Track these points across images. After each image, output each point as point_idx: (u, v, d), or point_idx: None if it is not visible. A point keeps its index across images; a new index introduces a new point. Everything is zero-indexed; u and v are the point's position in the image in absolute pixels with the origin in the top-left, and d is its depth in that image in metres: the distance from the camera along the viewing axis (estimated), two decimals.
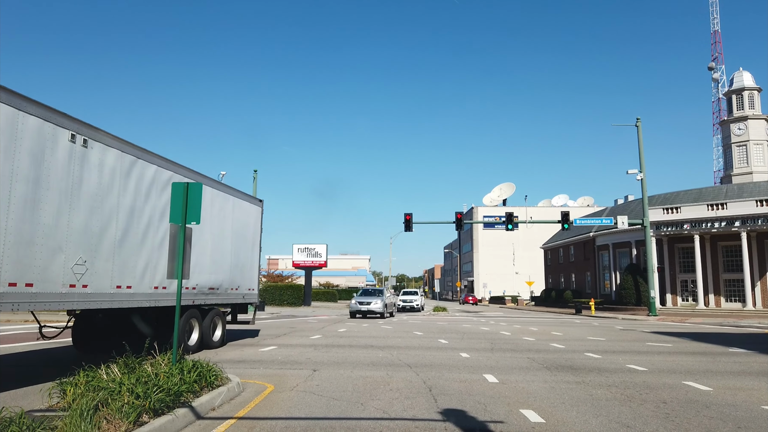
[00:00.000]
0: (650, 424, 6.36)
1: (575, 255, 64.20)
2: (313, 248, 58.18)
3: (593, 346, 15.97)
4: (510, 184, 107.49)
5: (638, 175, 36.92)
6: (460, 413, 6.84)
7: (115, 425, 5.18)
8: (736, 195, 44.22)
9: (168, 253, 8.51)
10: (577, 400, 7.67)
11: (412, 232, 36.31)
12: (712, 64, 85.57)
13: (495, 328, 24.28)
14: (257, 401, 7.47)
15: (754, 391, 8.56)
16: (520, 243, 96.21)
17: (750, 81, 61.71)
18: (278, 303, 53.95)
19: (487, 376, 9.84)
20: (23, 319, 26.60)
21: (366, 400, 7.58)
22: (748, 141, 59.83)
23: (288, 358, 12.33)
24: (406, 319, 32.14)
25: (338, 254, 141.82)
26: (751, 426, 6.34)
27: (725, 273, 44.24)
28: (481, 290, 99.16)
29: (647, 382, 9.38)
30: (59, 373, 8.30)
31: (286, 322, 27.10)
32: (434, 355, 13.34)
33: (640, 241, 46.78)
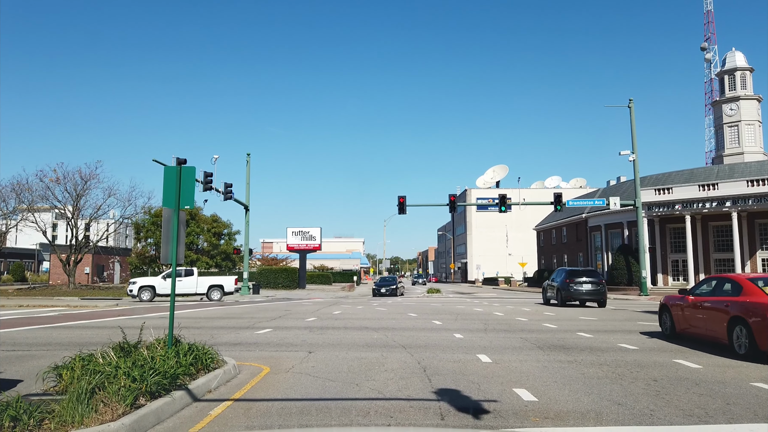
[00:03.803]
0: (641, 401, 6.47)
1: (568, 236, 64.55)
2: (308, 231, 58.19)
3: (585, 325, 16.14)
4: (503, 166, 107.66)
5: (630, 156, 37.01)
6: (454, 393, 6.92)
7: (112, 408, 5.21)
8: (727, 175, 44.45)
9: (162, 237, 8.50)
10: (569, 379, 7.78)
11: (405, 214, 36.37)
12: (704, 44, 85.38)
13: (488, 309, 24.47)
14: (253, 383, 7.53)
15: (742, 369, 8.71)
16: (513, 225, 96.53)
17: (742, 61, 61.68)
18: (273, 286, 54.06)
19: (481, 356, 9.95)
20: (18, 305, 26.57)
21: (361, 381, 7.66)
22: (740, 121, 59.96)
23: (283, 341, 12.40)
24: (400, 301, 32.33)
25: (332, 237, 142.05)
26: (739, 402, 6.46)
27: (716, 253, 44.67)
28: (474, 272, 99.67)
29: (638, 360, 9.52)
30: (55, 356, 8.32)
31: (281, 305, 27.21)
32: (428, 335, 13.46)
33: (632, 222, 47.05)
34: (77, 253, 43.58)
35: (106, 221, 49.90)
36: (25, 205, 44.23)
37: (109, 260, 66.08)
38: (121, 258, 64.73)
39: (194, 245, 45.71)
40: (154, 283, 31.70)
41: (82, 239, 45.36)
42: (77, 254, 43.57)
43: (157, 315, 19.95)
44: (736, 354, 10.02)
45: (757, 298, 10.04)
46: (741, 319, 10.11)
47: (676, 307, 13.04)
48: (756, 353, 9.46)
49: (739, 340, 10.09)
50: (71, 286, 42.49)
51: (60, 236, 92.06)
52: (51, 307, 25.56)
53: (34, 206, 44.34)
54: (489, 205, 55.16)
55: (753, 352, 9.53)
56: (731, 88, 61.24)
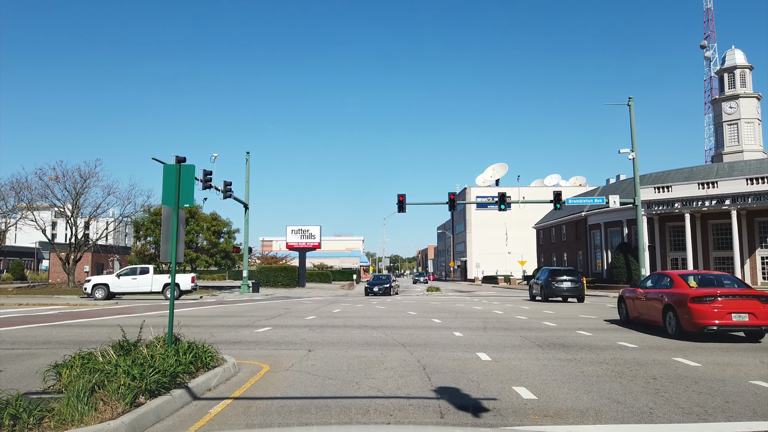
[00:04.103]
0: (640, 399, 6.48)
1: (567, 234, 64.56)
2: (307, 230, 58.17)
3: (584, 324, 16.16)
4: (503, 164, 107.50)
5: (630, 154, 36.98)
6: (454, 391, 6.93)
7: (112, 407, 5.21)
8: (726, 173, 44.44)
9: (161, 235, 8.49)
10: (568, 377, 7.79)
11: (405, 213, 36.28)
12: (704, 43, 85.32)
13: (488, 307, 24.48)
14: (253, 381, 7.53)
15: (742, 367, 8.72)
16: (513, 223, 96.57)
17: (742, 59, 61.63)
18: (272, 284, 54.08)
19: (480, 354, 9.96)
20: (17, 303, 26.57)
21: (360, 379, 7.66)
22: (740, 119, 59.94)
23: (283, 339, 12.41)
24: (400, 300, 32.34)
25: (332, 235, 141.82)
26: (738, 400, 6.47)
27: (715, 251, 44.69)
28: (474, 270, 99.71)
29: (637, 358, 9.53)
30: (55, 355, 8.32)
31: (281, 303, 27.21)
32: (428, 334, 13.46)
33: (632, 220, 47.06)
34: (77, 251, 43.55)
35: (105, 219, 49.85)
36: (24, 203, 44.16)
37: (109, 259, 66.05)
38: (121, 256, 64.69)
39: (194, 243, 45.62)
40: (107, 281, 31.00)
41: (82, 238, 45.31)
42: (77, 253, 43.54)
43: (156, 313, 19.94)
44: (667, 334, 13.07)
45: (682, 290, 13.14)
46: (671, 306, 13.18)
47: (629, 298, 16.13)
48: (681, 333, 12.71)
49: (669, 323, 13.24)
50: (71, 284, 42.46)
51: (59, 235, 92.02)
52: (50, 305, 25.56)
53: (33, 204, 44.28)
54: (489, 204, 55.14)
55: (678, 332, 12.78)
56: (731, 86, 61.21)
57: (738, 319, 12.12)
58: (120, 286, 30.37)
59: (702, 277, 14.19)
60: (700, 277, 14.06)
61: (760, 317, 12.04)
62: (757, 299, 12.34)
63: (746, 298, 12.42)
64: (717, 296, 12.40)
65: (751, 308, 12.18)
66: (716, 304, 12.29)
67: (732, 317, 12.07)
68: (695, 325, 12.35)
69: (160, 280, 31.07)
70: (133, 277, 30.66)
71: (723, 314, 12.14)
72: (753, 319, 12.03)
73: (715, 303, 12.30)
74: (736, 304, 12.28)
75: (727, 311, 12.17)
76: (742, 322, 12.12)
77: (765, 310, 12.21)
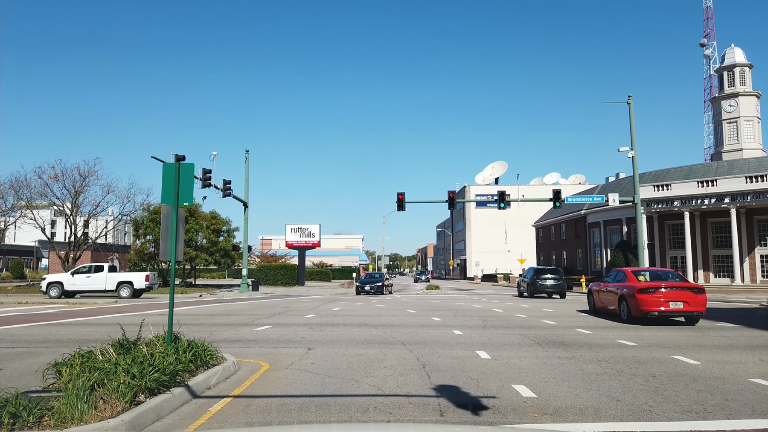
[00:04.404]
0: (639, 397, 6.48)
1: (567, 232, 64.56)
2: (307, 228, 58.14)
3: (584, 322, 16.17)
4: (502, 162, 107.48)
5: (629, 152, 36.97)
6: (454, 389, 6.93)
7: (112, 405, 5.21)
8: (726, 172, 44.42)
9: (161, 234, 8.49)
10: (567, 375, 7.79)
11: (405, 211, 36.25)
12: (703, 41, 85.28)
13: (487, 305, 24.49)
14: (253, 380, 7.54)
15: (741, 365, 8.73)
16: (512, 221, 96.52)
17: (741, 57, 61.58)
18: (272, 283, 54.07)
19: (480, 352, 9.96)
20: (17, 302, 26.57)
21: (360, 378, 7.66)
22: (739, 118, 59.90)
23: (283, 337, 12.41)
24: (399, 298, 32.35)
25: (331, 234, 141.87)
26: (738, 398, 6.47)
27: (714, 249, 44.69)
28: (473, 268, 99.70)
29: (637, 356, 9.54)
30: (54, 353, 8.32)
31: (280, 302, 27.22)
32: (427, 332, 13.47)
33: (631, 218, 47.05)
34: (76, 250, 43.50)
35: (104, 218, 49.81)
36: (23, 202, 44.09)
37: (108, 257, 65.92)
38: (120, 255, 64.62)
39: (193, 242, 45.58)
40: (62, 279, 30.61)
41: (81, 236, 45.26)
42: (76, 251, 43.49)
43: (156, 312, 19.94)
44: (621, 319, 16.42)
45: (632, 284, 16.23)
46: (624, 297, 16.33)
47: (596, 291, 19.35)
48: (630, 318, 15.89)
49: (623, 310, 16.43)
50: None
51: (59, 233, 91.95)
52: (50, 304, 25.55)
53: (32, 203, 44.21)
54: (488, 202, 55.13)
55: (629, 317, 15.95)
56: (730, 84, 61.16)
57: (674, 306, 15.20)
58: (74, 285, 30.09)
59: (651, 273, 17.64)
60: (649, 274, 17.48)
61: (693, 304, 15.16)
62: (690, 291, 15.48)
63: (682, 290, 15.46)
64: (658, 288, 15.43)
65: (686, 298, 15.25)
66: (658, 294, 15.27)
67: (670, 305, 15.14)
68: (641, 311, 15.41)
69: (114, 279, 30.58)
70: (87, 276, 30.33)
71: (663, 302, 15.17)
72: (686, 306, 15.15)
73: (656, 294, 15.30)
74: (674, 294, 15.28)
75: (666, 300, 15.18)
76: (678, 309, 15.20)
77: (697, 299, 15.27)
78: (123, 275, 31.24)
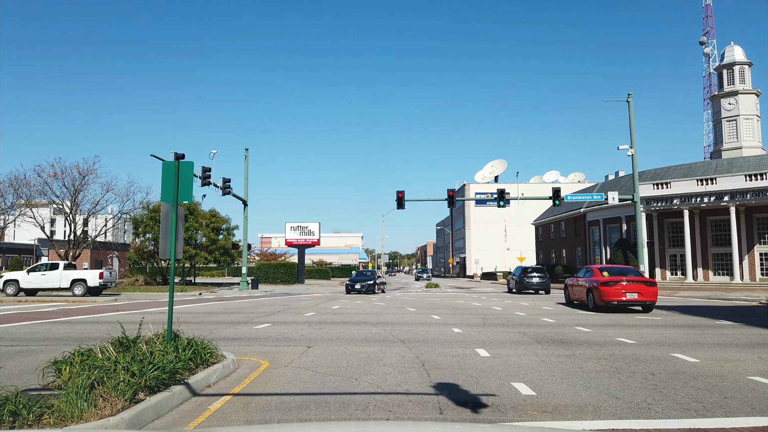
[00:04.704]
0: (639, 395, 6.49)
1: (566, 231, 64.57)
2: (306, 226, 58.14)
3: (583, 320, 16.18)
4: (502, 160, 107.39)
5: (629, 150, 36.97)
6: (453, 387, 6.94)
7: (112, 403, 5.21)
8: (725, 170, 44.43)
9: (160, 232, 8.49)
10: (567, 373, 7.80)
11: (404, 209, 36.18)
12: (703, 39, 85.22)
13: (487, 303, 24.50)
14: (252, 378, 7.54)
15: (740, 363, 8.74)
16: (512, 219, 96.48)
17: (741, 55, 61.54)
18: (271, 281, 54.08)
19: (479, 350, 9.97)
20: (16, 300, 26.58)
21: (360, 376, 7.67)
22: (738, 116, 59.89)
23: (282, 335, 12.42)
24: (399, 296, 32.36)
25: (331, 232, 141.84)
26: (737, 396, 6.48)
27: (714, 247, 44.73)
28: (473, 267, 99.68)
29: (636, 354, 9.55)
30: (54, 352, 8.32)
31: (280, 300, 27.23)
32: (427, 330, 13.48)
33: (630, 217, 47.07)
34: (76, 248, 43.49)
35: (104, 216, 49.82)
36: (23, 200, 44.08)
37: (108, 255, 66.04)
38: (120, 253, 64.68)
39: (193, 240, 45.57)
40: (17, 277, 30.68)
41: (81, 234, 45.28)
42: (76, 249, 43.48)
43: (156, 310, 19.95)
44: (588, 308, 19.98)
45: (597, 278, 19.81)
46: (590, 289, 20.07)
47: (570, 285, 22.85)
48: (596, 307, 19.48)
49: (590, 300, 20.01)
50: None
51: (58, 231, 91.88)
52: (49, 302, 25.56)
53: (32, 201, 44.18)
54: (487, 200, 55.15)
55: (594, 306, 19.59)
56: (730, 82, 61.14)
57: (631, 296, 18.69)
58: (30, 282, 30.17)
59: (613, 269, 20.98)
60: (612, 270, 20.82)
61: (646, 295, 18.72)
62: (644, 284, 19.07)
63: (637, 283, 18.96)
64: (618, 282, 18.98)
65: (640, 290, 18.78)
66: (617, 287, 18.84)
67: (627, 295, 18.68)
68: (603, 301, 19.01)
69: (68, 276, 30.55)
70: (42, 273, 30.35)
71: (621, 293, 18.71)
72: (641, 297, 18.69)
73: (616, 286, 18.88)
74: (630, 287, 18.78)
75: (624, 291, 18.71)
76: (633, 299, 18.71)
77: (649, 291, 18.82)
78: (77, 273, 31.21)
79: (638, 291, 18.63)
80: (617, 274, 19.83)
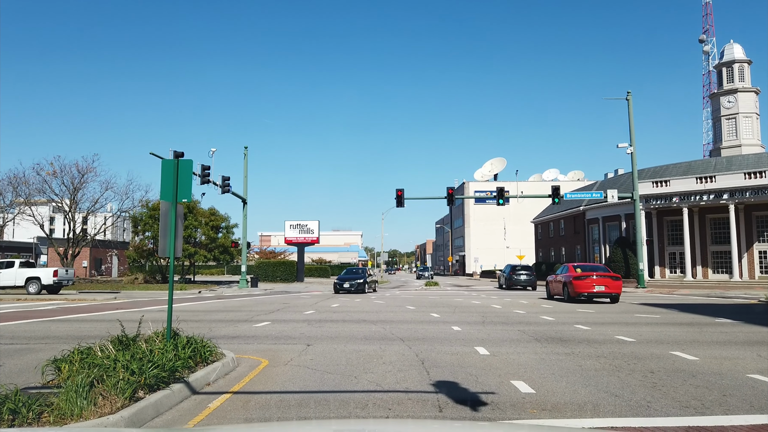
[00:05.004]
0: (638, 393, 6.50)
1: (565, 229, 64.59)
2: (306, 225, 58.15)
3: (582, 318, 16.19)
4: (501, 159, 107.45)
5: (628, 148, 37.00)
6: (452, 385, 6.94)
7: (111, 401, 5.21)
8: (724, 168, 44.44)
9: (159, 230, 8.48)
10: (566, 371, 7.81)
11: (403, 207, 36.20)
12: (702, 37, 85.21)
13: (486, 301, 24.52)
14: (252, 376, 7.54)
15: (739, 360, 8.75)
16: (511, 217, 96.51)
17: (740, 53, 61.49)
18: (271, 279, 54.11)
19: (479, 348, 9.98)
20: (16, 298, 26.56)
21: (359, 374, 7.67)
22: (738, 114, 59.85)
23: (282, 334, 12.42)
24: (398, 294, 32.38)
25: (330, 230, 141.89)
26: (736, 394, 6.49)
27: (713, 245, 44.75)
28: (472, 265, 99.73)
29: (635, 352, 9.55)
30: (53, 350, 8.32)
31: (279, 298, 27.23)
32: (426, 328, 13.48)
33: (630, 215, 47.08)
34: (75, 246, 43.49)
35: (103, 215, 49.77)
36: (22, 198, 44.07)
37: (107, 254, 66.04)
38: (119, 251, 64.66)
39: (192, 238, 45.57)
40: None
41: (80, 233, 45.26)
42: (75, 248, 43.48)
43: (155, 308, 19.95)
44: (564, 300, 23.48)
45: (571, 274, 22.99)
46: (565, 284, 23.22)
47: (550, 282, 26.27)
48: (570, 298, 22.79)
49: (565, 293, 23.26)
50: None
51: (57, 230, 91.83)
52: (49, 300, 25.54)
53: (31, 200, 44.18)
54: (487, 198, 55.16)
55: (569, 298, 22.90)
56: (729, 80, 61.09)
57: (599, 289, 22.13)
58: None
59: (584, 266, 24.10)
60: (583, 267, 24.02)
61: (611, 288, 22.21)
62: (610, 278, 22.54)
63: (605, 278, 22.41)
64: (589, 276, 22.40)
65: (606, 283, 22.22)
66: (587, 281, 22.29)
67: (595, 288, 22.15)
68: (576, 293, 22.43)
69: (22, 274, 30.38)
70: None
71: (590, 286, 22.16)
72: (607, 289, 22.19)
73: (586, 280, 22.32)
74: (598, 281, 22.26)
75: (593, 285, 22.17)
76: (600, 291, 22.18)
77: (615, 284, 22.28)
78: (31, 271, 31.05)
79: (605, 284, 22.15)
80: (588, 270, 23.23)
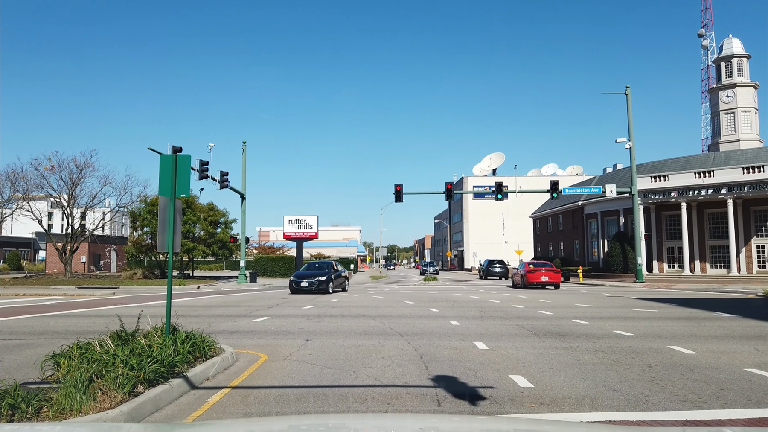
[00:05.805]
0: (636, 387, 6.52)
1: (564, 223, 64.62)
2: (304, 219, 58.05)
3: (581, 312, 16.23)
4: (500, 153, 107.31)
5: (627, 143, 37.00)
6: (451, 379, 6.97)
7: (110, 396, 5.22)
8: (723, 162, 44.43)
9: (158, 226, 8.47)
10: (564, 365, 7.83)
11: (402, 202, 36.29)
12: (701, 31, 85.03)
13: (485, 296, 24.56)
14: (251, 371, 7.56)
15: (737, 355, 8.78)
16: (510, 212, 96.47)
17: (739, 48, 61.42)
18: (270, 274, 54.13)
19: (477, 343, 10.00)
20: (14, 293, 26.55)
21: (358, 368, 7.69)
22: (736, 108, 59.83)
23: (281, 329, 12.43)
24: (397, 289, 32.42)
25: (329, 225, 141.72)
26: (733, 388, 6.52)
27: (711, 240, 44.79)
28: (471, 260, 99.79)
29: (633, 346, 9.59)
30: (52, 345, 8.32)
31: (278, 293, 27.24)
32: (425, 323, 13.51)
33: (628, 209, 47.09)
34: (73, 241, 43.46)
35: (102, 210, 49.74)
36: (20, 193, 44.00)
37: (106, 249, 65.97)
38: (118, 246, 64.56)
39: (191, 234, 45.53)
40: None
41: (78, 228, 45.23)
42: (73, 243, 43.45)
43: (154, 303, 19.95)
44: (520, 288, 31.67)
45: (527, 269, 31.91)
46: (522, 275, 32.29)
47: (513, 274, 35.77)
48: (525, 286, 31.65)
49: (521, 283, 32.25)
50: (68, 274, 42.43)
51: (56, 225, 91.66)
52: (48, 296, 25.54)
53: (29, 195, 44.11)
54: (486, 193, 55.34)
55: (524, 286, 31.84)
56: (728, 75, 61.03)
57: (544, 279, 30.61)
58: None
59: (536, 263, 32.87)
60: (535, 263, 32.83)
61: (553, 279, 30.77)
62: (552, 271, 31.13)
63: (549, 271, 30.98)
64: (538, 270, 30.99)
65: (550, 275, 30.78)
66: (536, 273, 30.86)
67: (542, 279, 30.64)
68: (529, 282, 30.92)
69: None
70: None
71: (538, 277, 30.70)
72: (550, 279, 30.74)
73: (535, 273, 30.92)
74: (544, 274, 30.80)
75: (540, 276, 30.71)
76: (546, 281, 30.63)
77: (556, 276, 30.96)
78: None
79: (548, 276, 30.78)
80: (538, 266, 31.72)
